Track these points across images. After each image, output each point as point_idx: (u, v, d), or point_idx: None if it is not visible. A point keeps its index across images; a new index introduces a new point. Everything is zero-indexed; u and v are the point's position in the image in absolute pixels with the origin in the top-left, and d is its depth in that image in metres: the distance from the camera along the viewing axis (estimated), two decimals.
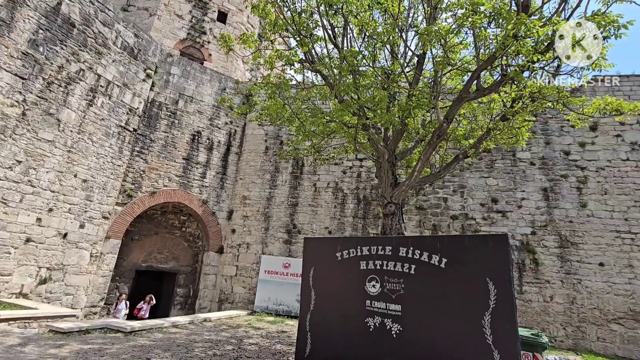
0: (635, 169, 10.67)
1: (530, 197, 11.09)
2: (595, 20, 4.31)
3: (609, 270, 9.79)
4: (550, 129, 11.76)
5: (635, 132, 11.06)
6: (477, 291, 4.14)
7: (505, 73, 5.20)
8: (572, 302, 9.70)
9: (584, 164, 11.08)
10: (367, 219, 12.09)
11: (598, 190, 10.70)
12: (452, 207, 11.55)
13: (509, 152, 11.70)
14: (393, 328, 4.67)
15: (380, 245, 5.12)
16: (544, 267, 10.20)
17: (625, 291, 9.51)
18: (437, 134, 5.34)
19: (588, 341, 9.29)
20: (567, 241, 10.32)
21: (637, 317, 9.23)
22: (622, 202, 10.40)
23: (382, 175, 6.05)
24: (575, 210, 10.59)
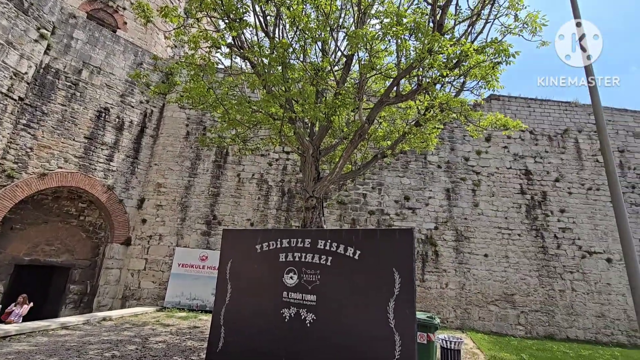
0: (515, 175, 12.76)
1: (436, 196, 12.46)
2: (493, 46, 5.01)
3: (491, 260, 11.58)
4: (455, 137, 13.33)
5: (517, 145, 13.20)
6: (385, 280, 4.49)
7: (421, 83, 5.71)
8: (462, 288, 11.25)
9: (479, 169, 12.85)
10: (290, 212, 12.19)
11: (488, 192, 12.53)
12: (370, 203, 12.35)
13: (421, 155, 12.96)
14: (307, 317, 4.82)
15: (300, 237, 5.22)
16: (443, 258, 11.60)
17: (502, 278, 11.39)
18: (359, 133, 5.64)
19: (472, 321, 10.89)
20: (461, 235, 11.89)
21: (508, 299, 11.14)
22: (504, 203, 12.36)
23: (305, 170, 6.16)
24: (469, 209, 12.24)
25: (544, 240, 11.87)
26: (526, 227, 12.03)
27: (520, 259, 11.61)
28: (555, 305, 11.11)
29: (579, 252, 11.72)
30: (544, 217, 12.16)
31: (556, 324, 10.93)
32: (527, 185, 12.61)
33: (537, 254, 11.69)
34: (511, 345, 8.41)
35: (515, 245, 11.79)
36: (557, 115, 13.73)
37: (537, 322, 10.92)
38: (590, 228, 12.03)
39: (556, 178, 12.70)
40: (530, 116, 13.68)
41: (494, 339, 9.19)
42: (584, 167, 12.93)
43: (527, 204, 12.35)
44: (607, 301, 11.18)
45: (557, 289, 11.29)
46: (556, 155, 13.09)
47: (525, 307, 11.07)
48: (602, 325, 10.94)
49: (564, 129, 13.48)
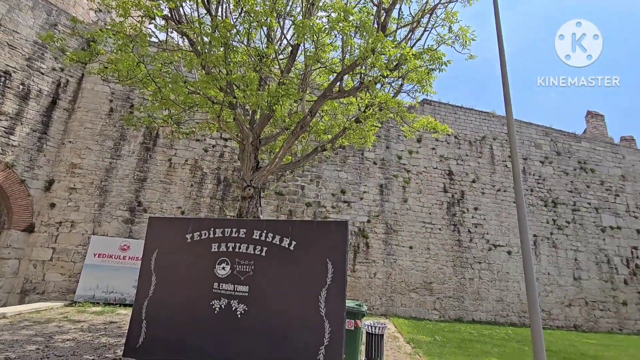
0: (440, 175, 13.98)
1: (370, 191, 13.08)
2: (429, 54, 5.38)
3: (415, 252, 12.59)
4: (391, 136, 14.11)
5: (444, 147, 14.46)
6: (318, 270, 4.60)
7: (363, 81, 5.90)
8: (389, 277, 12.06)
9: (410, 167, 13.79)
10: (226, 201, 11.77)
11: (416, 189, 13.54)
12: (308, 195, 12.50)
13: (359, 151, 13.46)
14: (239, 309, 4.74)
15: (234, 227, 5.07)
16: (373, 250, 12.28)
17: (423, 268, 12.46)
18: (301, 124, 5.63)
19: (395, 307, 11.76)
20: (391, 229, 12.70)
21: (427, 287, 12.26)
22: (429, 200, 13.49)
23: (244, 158, 5.97)
24: (399, 204, 13.11)
25: (460, 234, 13.27)
26: (446, 222, 13.31)
27: (439, 251, 12.83)
28: (465, 291, 12.55)
29: (486, 245, 13.36)
30: (461, 214, 13.57)
31: (465, 308, 12.36)
32: (449, 185, 13.92)
33: (453, 246, 13.03)
34: (427, 329, 9.29)
35: (436, 239, 12.98)
36: (477, 123, 15.34)
37: (449, 307, 12.23)
38: (497, 224, 13.77)
39: (473, 179, 14.23)
40: (456, 122, 15.07)
41: (413, 323, 10.06)
42: (495, 171, 14.69)
43: (448, 201, 13.65)
44: (506, 287, 12.97)
45: (467, 277, 12.75)
46: (474, 159, 14.65)
47: (440, 293, 12.31)
48: (500, 308, 12.67)
49: (482, 136, 15.13)
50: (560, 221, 14.67)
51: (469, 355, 6.56)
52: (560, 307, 13.44)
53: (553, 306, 13.38)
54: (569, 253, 14.29)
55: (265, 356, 4.48)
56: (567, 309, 13.50)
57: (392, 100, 6.39)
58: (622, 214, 15.68)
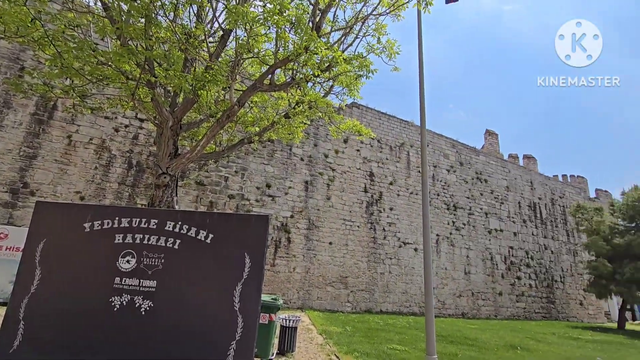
0: (362, 176, 14.81)
1: (295, 187, 13.23)
2: (358, 60, 5.65)
3: (334, 247, 13.15)
4: (319, 134, 14.44)
5: (367, 150, 15.34)
6: (235, 265, 4.50)
7: (295, 77, 5.92)
8: (307, 272, 12.39)
9: (335, 166, 14.32)
10: (137, 188, 10.73)
11: (339, 188, 14.12)
12: (232, 187, 12.10)
13: (287, 146, 13.49)
14: (143, 305, 4.38)
15: (145, 217, 4.67)
16: (294, 245, 12.46)
17: (340, 263, 13.10)
18: (228, 114, 5.42)
19: (311, 301, 12.15)
20: (313, 225, 13.04)
21: (343, 281, 12.93)
22: (350, 199, 14.20)
23: (161, 143, 5.51)
24: (322, 201, 13.53)
25: (376, 232, 14.28)
26: (364, 220, 14.18)
27: (356, 247, 13.62)
28: (376, 285, 13.58)
29: (397, 243, 14.63)
30: (378, 213, 14.60)
31: (374, 300, 13.37)
32: (369, 185, 14.85)
33: (369, 243, 13.97)
34: (339, 320, 9.81)
35: (354, 235, 13.75)
36: (398, 130, 16.64)
37: (361, 299, 13.10)
38: (408, 224, 15.16)
39: (391, 182, 15.42)
40: (380, 127, 16.12)
41: (327, 316, 10.52)
42: (410, 175, 16.14)
43: (367, 200, 14.55)
44: (410, 281, 14.39)
45: (379, 271, 13.81)
46: (393, 163, 15.88)
47: (354, 287, 13.10)
48: (404, 300, 14.03)
49: (401, 142, 16.46)
50: (459, 223, 16.81)
51: (374, 343, 7.12)
52: (453, 298, 15.44)
53: (447, 297, 15.30)
54: (463, 251, 16.48)
55: (172, 354, 4.24)
56: (458, 299, 15.58)
57: (321, 100, 6.55)
58: (505, 218, 18.66)
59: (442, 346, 7.42)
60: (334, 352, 6.23)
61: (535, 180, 21.21)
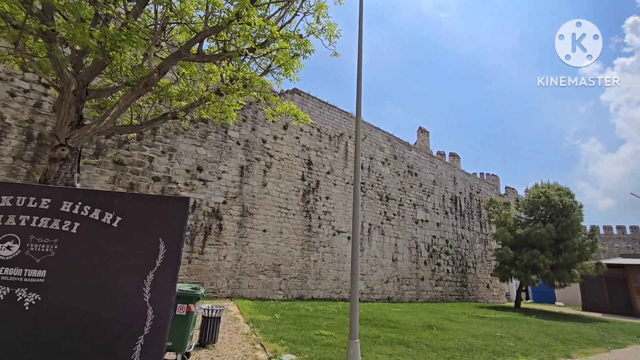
0: (300, 164, 14.67)
1: (230, 172, 12.60)
2: (296, 38, 5.38)
3: (268, 235, 12.88)
4: (258, 118, 13.89)
5: (307, 138, 15.21)
6: (147, 251, 4.03)
7: (227, 50, 5.45)
8: (239, 260, 11.96)
9: (272, 152, 13.94)
10: (39, 164, 9.20)
11: (276, 175, 13.81)
12: (157, 169, 11.06)
13: (222, 128, 12.74)
14: (27, 298, 3.70)
15: (33, 195, 3.92)
16: (226, 232, 11.91)
17: (274, 250, 12.89)
18: (146, 82, 4.76)
19: (242, 289, 11.78)
20: (247, 211, 12.59)
21: (275, 269, 12.76)
22: (287, 186, 13.99)
23: (61, 110, 4.65)
24: (258, 188, 13.11)
25: (311, 220, 14.33)
26: (300, 208, 14.12)
27: (291, 235, 13.52)
28: (308, 272, 13.68)
29: (332, 231, 14.88)
30: (314, 201, 14.64)
31: (307, 287, 13.48)
32: (307, 173, 14.79)
33: (304, 231, 13.97)
34: (269, 308, 9.64)
35: (289, 223, 13.61)
36: (338, 121, 16.79)
37: (293, 286, 13.10)
38: (343, 213, 15.49)
39: (328, 171, 15.55)
40: (320, 116, 16.08)
41: (257, 304, 10.28)
42: (347, 166, 16.45)
43: (304, 189, 14.49)
44: (342, 268, 14.80)
45: (313, 259, 13.93)
46: (332, 153, 16.02)
47: (287, 275, 13.03)
48: (335, 286, 14.40)
49: (340, 133, 16.66)
50: (390, 213, 17.70)
51: (302, 330, 7.10)
52: (380, 284, 16.30)
53: (375, 283, 16.09)
54: (392, 239, 17.43)
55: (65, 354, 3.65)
56: (385, 284, 16.49)
57: (257, 79, 6.16)
58: (430, 210, 20.16)
59: (366, 329, 7.69)
60: (260, 341, 6.05)
61: (458, 176, 23.25)
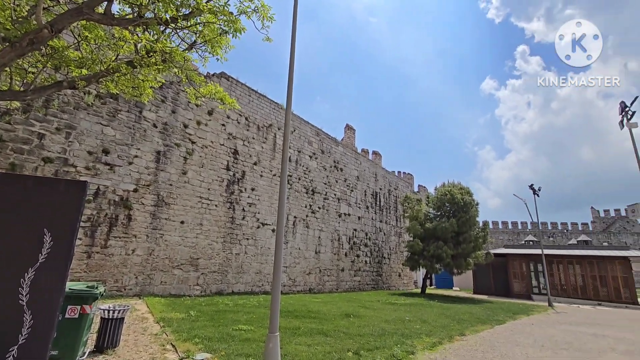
0: (225, 152, 13.95)
1: (144, 157, 11.34)
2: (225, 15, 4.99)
3: (186, 227, 11.98)
4: (180, 100, 12.75)
5: (233, 126, 14.51)
6: (26, 244, 3.35)
7: (142, 15, 4.79)
8: (151, 254, 10.88)
9: (195, 139, 12.96)
10: None
11: (198, 163, 12.90)
12: (50, 148, 9.38)
13: (136, 107, 11.38)
14: None
15: None
16: (136, 223, 10.71)
17: (192, 243, 12.05)
18: (32, 38, 3.89)
19: (153, 286, 10.76)
20: (162, 201, 11.50)
21: (193, 263, 11.96)
22: (210, 175, 13.19)
23: None
24: (177, 176, 12.08)
25: (235, 212, 13.77)
26: (224, 199, 13.45)
27: (212, 227, 12.80)
28: (229, 266, 13.15)
29: (256, 223, 14.53)
30: (239, 193, 14.09)
31: (227, 281, 12.95)
32: (232, 163, 14.13)
33: (226, 223, 13.35)
34: (184, 305, 8.99)
35: (210, 215, 12.87)
36: (267, 111, 16.38)
37: (212, 281, 12.45)
38: (268, 205, 15.24)
39: (255, 162, 15.11)
40: (249, 104, 15.49)
41: (170, 301, 9.50)
42: (275, 157, 16.20)
43: (229, 179, 13.84)
44: (265, 261, 14.58)
45: (235, 252, 13.42)
46: (259, 143, 15.58)
47: (206, 269, 12.32)
48: (257, 280, 14.13)
49: (269, 124, 16.29)
50: (315, 207, 18.01)
51: (219, 325, 6.75)
52: (303, 275, 16.54)
53: (298, 275, 16.27)
54: (316, 232, 17.79)
55: None
56: (307, 276, 16.79)
57: (179, 54, 5.56)
58: (353, 204, 21.11)
59: (287, 321, 7.68)
60: (171, 341, 5.55)
61: (379, 173, 24.79)
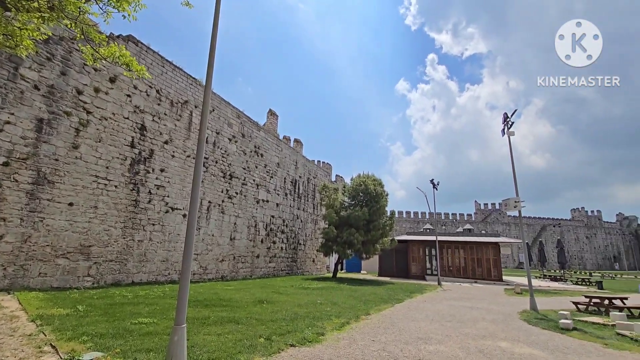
0: (130, 127, 12.36)
1: (20, 124, 9.33)
2: None
3: (76, 210, 10.33)
4: (73, 61, 10.77)
5: (142, 98, 12.91)
6: None
7: None
8: (26, 240, 9.11)
9: (91, 108, 11.16)
10: None
11: (95, 136, 11.17)
12: None
13: (10, 62, 9.24)
14: None
15: None
16: (5, 204, 8.81)
17: (83, 229, 10.47)
18: None
19: (28, 278, 9.06)
20: (44, 179, 9.68)
21: (84, 251, 10.42)
22: (110, 152, 11.55)
23: None
24: (65, 150, 10.27)
25: (139, 194, 12.38)
26: (126, 179, 11.96)
27: (110, 210, 11.30)
28: (130, 254, 11.83)
29: (165, 208, 13.33)
30: (145, 173, 12.69)
31: (126, 271, 11.65)
32: (139, 140, 12.62)
33: (128, 206, 11.93)
34: (70, 299, 7.78)
35: (109, 197, 11.33)
36: (183, 85, 14.99)
37: (108, 271, 11.06)
38: (180, 188, 14.10)
39: (166, 140, 13.75)
40: (162, 75, 13.94)
41: (52, 296, 8.13)
42: (190, 137, 14.99)
43: (134, 157, 12.33)
44: (174, 248, 13.54)
45: (137, 239, 12.11)
46: (172, 120, 14.21)
47: (100, 257, 10.86)
48: (163, 268, 13.05)
49: (185, 100, 14.95)
50: (232, 192, 17.34)
51: (115, 320, 6.03)
52: (215, 263, 15.86)
53: (210, 262, 15.54)
54: (232, 218, 17.19)
55: None
56: (220, 263, 16.16)
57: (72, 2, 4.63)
58: (272, 191, 20.95)
59: (196, 311, 7.27)
60: (50, 341, 4.74)
61: (300, 161, 25.05)
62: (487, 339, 6.36)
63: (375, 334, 6.26)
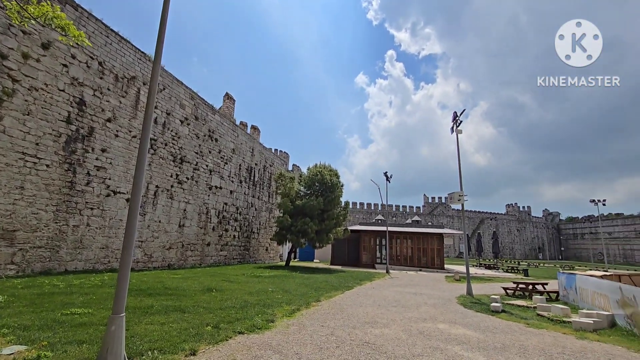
0: (67, 101, 11.15)
1: None
2: None
3: None
4: (1, 21, 9.39)
5: (81, 70, 11.68)
6: None
7: None
8: None
9: (19, 76, 9.87)
10: None
11: (23, 109, 9.93)
12: None
13: None
14: None
15: None
16: None
17: (6, 211, 9.33)
18: None
19: None
20: None
21: (7, 236, 9.31)
22: (41, 127, 10.36)
23: None
24: None
25: (76, 175, 11.29)
26: (60, 158, 10.83)
27: (40, 192, 10.19)
28: (63, 240, 10.81)
29: (105, 191, 12.31)
30: (83, 153, 11.58)
31: (59, 258, 10.64)
32: (76, 116, 11.44)
33: (62, 188, 10.84)
34: None
35: (38, 177, 10.19)
36: (131, 60, 13.81)
37: (37, 258, 10.01)
38: (123, 171, 13.10)
39: (109, 118, 12.63)
40: (106, 47, 12.70)
41: None
42: (136, 117, 13.92)
43: (70, 134, 11.18)
44: (115, 235, 12.61)
45: (72, 224, 11.09)
46: (117, 97, 13.07)
47: (27, 244, 9.79)
48: (102, 256, 12.12)
49: (132, 75, 13.80)
50: (182, 177, 16.51)
51: (43, 311, 5.49)
52: (161, 250, 15.08)
53: (156, 250, 14.74)
54: (182, 204, 16.40)
55: None
56: (167, 251, 15.40)
57: None
58: (226, 177, 20.30)
59: (138, 300, 6.88)
60: None
61: (256, 148, 24.52)
62: (427, 321, 6.82)
63: (324, 320, 6.40)
